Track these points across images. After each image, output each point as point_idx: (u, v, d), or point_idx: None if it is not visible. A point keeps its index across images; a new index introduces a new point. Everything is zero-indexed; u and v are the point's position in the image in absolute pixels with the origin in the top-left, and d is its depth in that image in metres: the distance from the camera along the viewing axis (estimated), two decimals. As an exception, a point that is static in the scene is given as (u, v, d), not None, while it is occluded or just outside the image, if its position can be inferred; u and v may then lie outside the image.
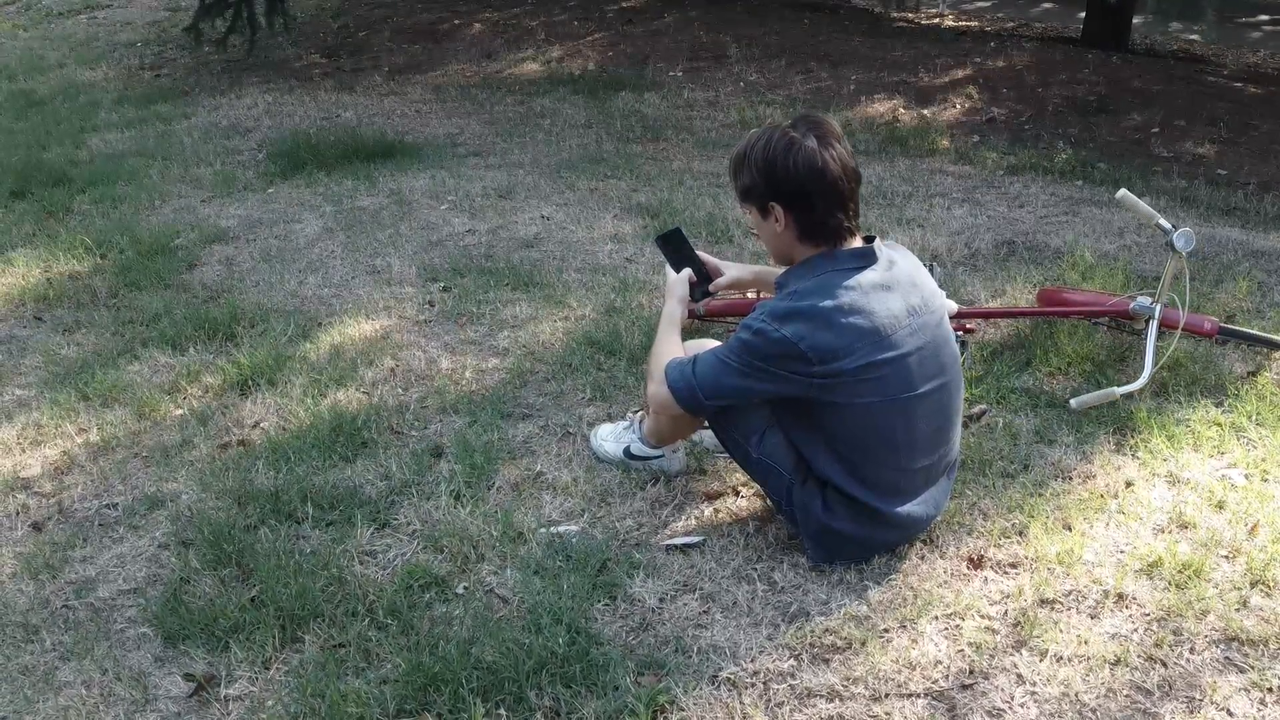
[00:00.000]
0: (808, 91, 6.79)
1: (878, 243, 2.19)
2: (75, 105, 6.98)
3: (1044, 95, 6.59)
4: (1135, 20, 8.30)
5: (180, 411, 3.02)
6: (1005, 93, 6.65)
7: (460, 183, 4.95)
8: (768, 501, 2.42)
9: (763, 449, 2.28)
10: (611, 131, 5.90)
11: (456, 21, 8.79)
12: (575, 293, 3.69)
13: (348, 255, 4.13)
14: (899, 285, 2.15)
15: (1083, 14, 8.47)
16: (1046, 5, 10.37)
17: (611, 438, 2.69)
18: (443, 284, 3.82)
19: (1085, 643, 2.02)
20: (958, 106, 6.44)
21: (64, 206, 4.84)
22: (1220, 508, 2.43)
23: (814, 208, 2.12)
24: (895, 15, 9.19)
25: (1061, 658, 1.99)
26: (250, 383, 3.12)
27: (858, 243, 2.18)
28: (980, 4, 10.49)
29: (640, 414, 2.68)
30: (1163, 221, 2.85)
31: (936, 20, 9.41)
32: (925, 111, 6.34)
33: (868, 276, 2.12)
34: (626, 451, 2.63)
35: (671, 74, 7.26)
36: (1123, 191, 2.85)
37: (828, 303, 2.08)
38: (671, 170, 5.14)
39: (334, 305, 3.68)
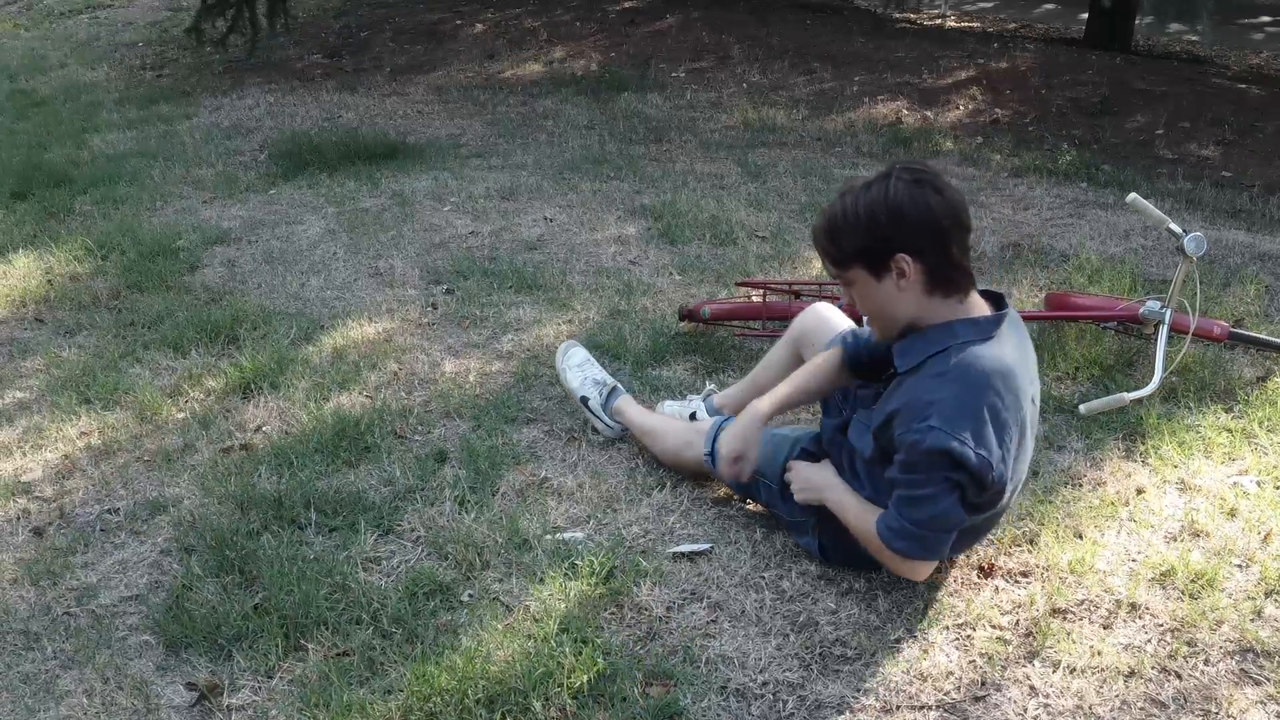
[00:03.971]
0: (811, 93, 6.77)
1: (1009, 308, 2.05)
2: (77, 105, 6.96)
3: (1047, 97, 6.57)
4: (1136, 21, 8.27)
5: (182, 415, 3.00)
6: (1008, 94, 6.63)
7: (463, 184, 4.93)
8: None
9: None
10: (614, 133, 5.88)
11: (458, 22, 8.77)
12: (579, 295, 3.67)
13: (350, 257, 4.10)
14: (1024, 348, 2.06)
15: (1084, 15, 8.45)
16: (1048, 6, 10.35)
17: (580, 374, 2.81)
18: (446, 286, 3.80)
19: (1098, 654, 2.00)
20: (961, 108, 6.42)
21: (65, 207, 4.81)
22: (1233, 515, 2.41)
23: (949, 250, 1.95)
24: (898, 16, 9.17)
25: (1075, 669, 1.97)
26: (253, 386, 3.10)
27: (980, 300, 2.03)
28: (982, 4, 10.46)
29: (616, 395, 2.77)
30: (1173, 226, 2.83)
31: (939, 21, 9.39)
32: (928, 113, 6.32)
33: (1009, 351, 1.98)
34: (584, 400, 2.77)
35: (674, 75, 7.23)
36: (1133, 195, 2.83)
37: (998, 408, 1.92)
38: (675, 172, 5.12)
39: (336, 307, 3.65)
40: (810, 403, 2.33)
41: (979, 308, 2.02)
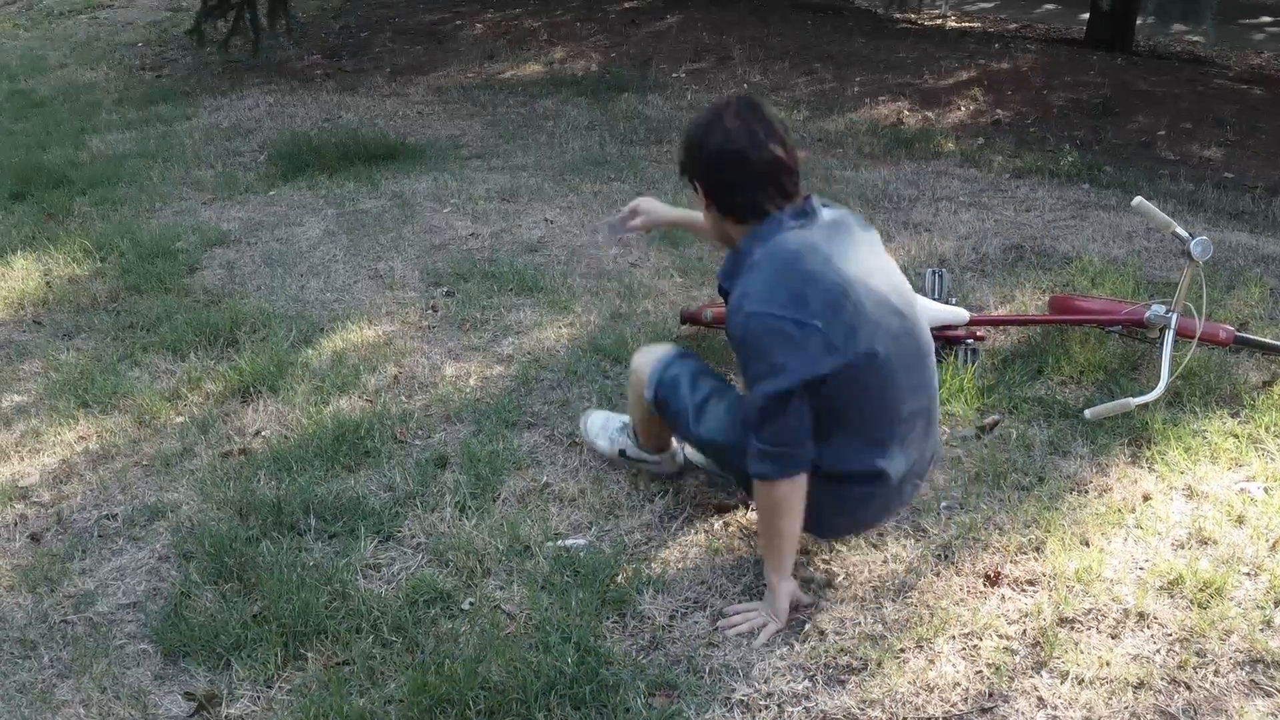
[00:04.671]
0: (811, 94, 6.75)
1: (814, 200, 2.13)
2: (76, 106, 6.93)
3: (1049, 97, 6.55)
4: (1137, 21, 8.25)
5: (181, 419, 2.98)
6: (1010, 95, 6.60)
7: (463, 185, 4.91)
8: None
9: (703, 427, 2.25)
10: (615, 134, 5.86)
11: (458, 22, 8.75)
12: (580, 298, 3.65)
13: (350, 259, 4.08)
14: (840, 234, 2.10)
15: (1085, 15, 8.42)
16: (1049, 6, 10.33)
17: (604, 435, 2.66)
18: (446, 288, 3.78)
19: (1107, 664, 1.98)
20: (962, 109, 6.40)
21: (64, 208, 4.79)
22: (1240, 522, 2.39)
23: (729, 183, 2.09)
24: (898, 16, 9.15)
25: (1083, 680, 1.95)
26: (252, 389, 3.08)
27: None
28: (983, 5, 10.44)
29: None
30: (1179, 229, 2.81)
31: (939, 21, 9.37)
32: (930, 114, 6.30)
33: (814, 234, 2.06)
34: (622, 453, 2.61)
35: (674, 75, 7.21)
36: (1138, 199, 2.81)
37: (795, 268, 2.00)
38: (675, 173, 5.09)
39: (336, 310, 3.63)
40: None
41: None
